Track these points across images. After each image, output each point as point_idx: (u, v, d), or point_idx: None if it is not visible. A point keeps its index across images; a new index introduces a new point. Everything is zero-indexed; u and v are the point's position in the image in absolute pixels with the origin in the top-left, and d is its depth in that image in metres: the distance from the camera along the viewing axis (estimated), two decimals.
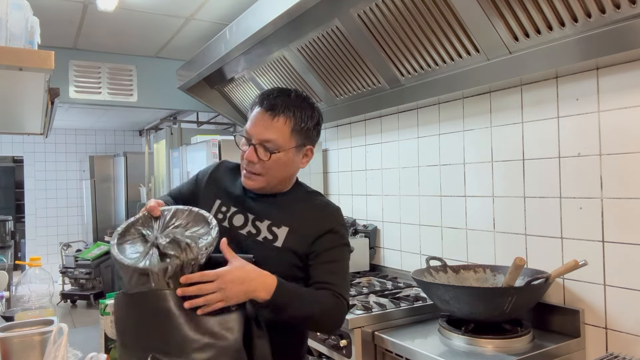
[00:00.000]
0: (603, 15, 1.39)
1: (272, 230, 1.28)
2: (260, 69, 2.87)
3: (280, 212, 1.30)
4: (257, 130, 1.25)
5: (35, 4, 1.13)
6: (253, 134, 1.25)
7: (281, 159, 1.26)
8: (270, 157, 1.24)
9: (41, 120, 1.83)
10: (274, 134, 1.24)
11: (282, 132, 1.24)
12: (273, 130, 1.24)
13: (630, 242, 1.54)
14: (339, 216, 1.34)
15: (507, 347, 1.57)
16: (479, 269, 1.92)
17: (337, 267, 1.27)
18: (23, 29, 1.07)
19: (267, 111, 1.24)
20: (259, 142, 1.24)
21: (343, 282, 1.26)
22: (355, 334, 1.79)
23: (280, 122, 1.24)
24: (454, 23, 1.75)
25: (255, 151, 1.24)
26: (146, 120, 6.17)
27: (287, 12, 2.03)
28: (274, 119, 1.24)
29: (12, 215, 5.77)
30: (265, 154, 1.24)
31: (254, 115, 1.27)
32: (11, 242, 4.84)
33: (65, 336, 1.09)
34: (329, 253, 1.26)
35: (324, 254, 1.26)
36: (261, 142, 1.24)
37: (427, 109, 2.33)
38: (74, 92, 3.60)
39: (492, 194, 2.00)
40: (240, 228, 1.30)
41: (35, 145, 6.71)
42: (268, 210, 1.31)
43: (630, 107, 1.54)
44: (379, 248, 2.68)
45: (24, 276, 1.55)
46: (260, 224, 1.29)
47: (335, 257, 1.28)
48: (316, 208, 1.33)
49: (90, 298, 5.51)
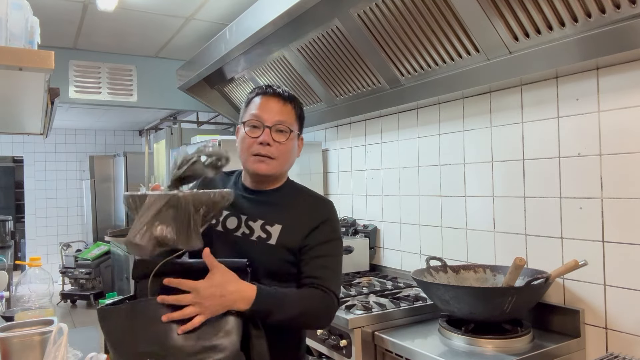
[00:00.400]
0: (603, 15, 1.39)
1: (265, 229, 1.28)
2: (260, 69, 2.87)
3: (273, 211, 1.31)
4: (270, 114, 1.28)
5: (35, 4, 1.13)
6: (266, 118, 1.28)
7: (291, 142, 1.31)
8: (287, 138, 1.29)
9: (41, 120, 1.83)
10: (286, 116, 1.30)
11: (291, 117, 1.31)
12: (285, 114, 1.30)
13: (630, 242, 1.54)
14: (331, 208, 1.35)
15: (507, 347, 1.57)
16: (479, 269, 1.92)
17: (329, 261, 1.28)
18: (23, 29, 1.07)
19: (277, 97, 1.30)
20: (273, 123, 1.27)
21: (334, 277, 1.27)
22: (355, 334, 1.79)
23: (289, 107, 1.31)
24: (454, 23, 1.75)
25: (271, 133, 1.27)
26: (146, 120, 6.17)
27: (287, 12, 2.03)
28: (284, 104, 1.30)
29: (12, 215, 5.77)
30: (280, 135, 1.28)
31: (262, 102, 1.30)
32: (11, 242, 4.84)
33: (65, 336, 1.09)
34: (321, 247, 1.27)
35: (316, 248, 1.27)
36: (275, 123, 1.27)
37: (427, 109, 2.33)
38: (74, 92, 3.60)
39: (492, 194, 2.00)
40: (235, 230, 1.30)
41: (35, 145, 6.72)
42: (260, 210, 1.31)
43: (630, 107, 1.54)
44: (379, 248, 2.68)
45: (24, 276, 1.55)
46: (253, 223, 1.30)
47: (328, 252, 1.28)
48: (308, 202, 1.35)
49: (90, 298, 5.53)
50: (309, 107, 2.88)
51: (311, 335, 1.96)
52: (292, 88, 2.81)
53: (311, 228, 1.28)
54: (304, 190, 1.40)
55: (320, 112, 2.84)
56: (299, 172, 3.01)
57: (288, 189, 1.38)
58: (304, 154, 3.04)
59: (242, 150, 1.32)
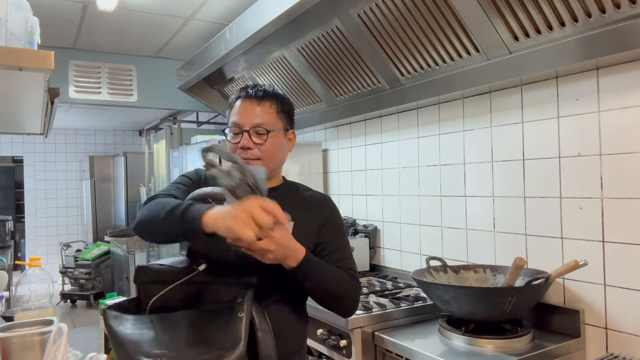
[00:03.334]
0: (603, 15, 1.39)
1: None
2: (260, 69, 2.87)
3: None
4: (246, 118, 1.29)
5: (35, 4, 1.13)
6: (243, 123, 1.28)
7: (275, 140, 1.31)
8: (266, 139, 1.28)
9: (41, 120, 1.83)
10: (263, 117, 1.29)
11: (270, 115, 1.30)
12: (261, 114, 1.29)
13: (630, 242, 1.54)
14: (330, 200, 1.41)
15: (507, 347, 1.57)
16: (479, 269, 1.92)
17: (345, 251, 1.34)
18: (23, 29, 1.07)
19: (252, 98, 1.30)
20: (250, 127, 1.28)
21: (354, 264, 1.34)
22: (355, 334, 1.79)
23: (266, 105, 1.30)
24: (454, 23, 1.75)
25: (250, 137, 1.27)
26: (146, 120, 6.17)
27: (287, 12, 2.03)
28: (260, 104, 1.30)
29: (12, 215, 5.77)
30: (259, 137, 1.28)
31: (240, 106, 1.31)
32: (11, 242, 4.84)
33: (65, 336, 1.09)
34: (334, 241, 1.33)
35: (331, 244, 1.32)
36: (253, 127, 1.28)
37: (427, 109, 2.33)
38: (74, 92, 3.60)
39: (492, 194, 2.00)
40: None
41: (35, 145, 6.72)
42: None
43: (630, 107, 1.54)
44: (379, 248, 2.68)
45: (24, 276, 1.55)
46: None
47: (343, 243, 1.35)
48: (310, 200, 1.37)
49: (90, 298, 5.53)
50: (309, 107, 2.88)
51: (311, 335, 1.96)
52: (292, 88, 2.81)
53: (320, 224, 1.32)
54: (300, 187, 1.43)
55: (320, 112, 2.84)
56: (299, 172, 3.01)
57: (286, 188, 1.39)
58: (304, 154, 3.07)
59: None
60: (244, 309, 1.11)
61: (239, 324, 1.10)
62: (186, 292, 1.17)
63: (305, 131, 3.29)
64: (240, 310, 1.11)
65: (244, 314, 1.11)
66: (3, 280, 1.96)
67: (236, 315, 1.10)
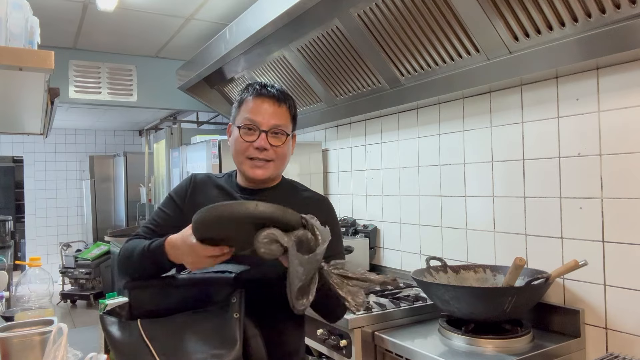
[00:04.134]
0: (603, 15, 1.39)
1: None
2: (260, 69, 2.87)
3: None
4: (265, 118, 1.27)
5: (35, 4, 1.13)
6: (261, 122, 1.26)
7: (288, 144, 1.31)
8: (284, 141, 1.28)
9: (41, 120, 1.83)
10: (281, 119, 1.28)
11: (286, 118, 1.30)
12: (280, 117, 1.28)
13: (630, 242, 1.54)
14: (330, 204, 1.41)
15: (507, 347, 1.57)
16: (479, 269, 1.92)
17: (341, 258, 1.32)
18: (23, 29, 1.07)
19: (272, 99, 1.28)
20: (269, 128, 1.27)
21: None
22: (355, 334, 1.79)
23: (284, 108, 1.29)
24: (454, 23, 1.75)
25: (267, 138, 1.26)
26: (146, 120, 6.17)
27: (287, 12, 2.03)
28: (280, 106, 1.29)
29: (12, 215, 5.77)
30: (276, 139, 1.27)
31: (257, 104, 1.28)
32: (11, 242, 4.84)
33: (65, 336, 1.09)
34: (332, 247, 1.29)
35: (328, 249, 1.28)
36: (271, 128, 1.27)
37: (427, 109, 2.33)
38: (74, 92, 3.60)
39: (492, 194, 2.00)
40: None
41: (35, 145, 6.72)
42: None
43: (630, 107, 1.54)
44: (379, 248, 2.68)
45: (24, 276, 1.54)
46: None
47: (339, 248, 1.34)
48: (309, 200, 1.36)
49: (90, 298, 5.53)
50: (309, 107, 2.88)
51: (311, 335, 1.96)
52: (292, 88, 2.81)
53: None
54: (299, 187, 1.42)
55: (320, 112, 2.84)
56: (299, 172, 3.01)
57: (285, 186, 1.39)
58: (304, 154, 3.07)
59: (236, 153, 1.31)
60: (238, 309, 1.11)
61: (235, 325, 1.09)
62: (179, 295, 1.17)
63: (305, 131, 3.29)
64: (234, 310, 1.11)
65: (239, 315, 1.10)
66: (3, 280, 1.96)
67: (231, 316, 1.10)
